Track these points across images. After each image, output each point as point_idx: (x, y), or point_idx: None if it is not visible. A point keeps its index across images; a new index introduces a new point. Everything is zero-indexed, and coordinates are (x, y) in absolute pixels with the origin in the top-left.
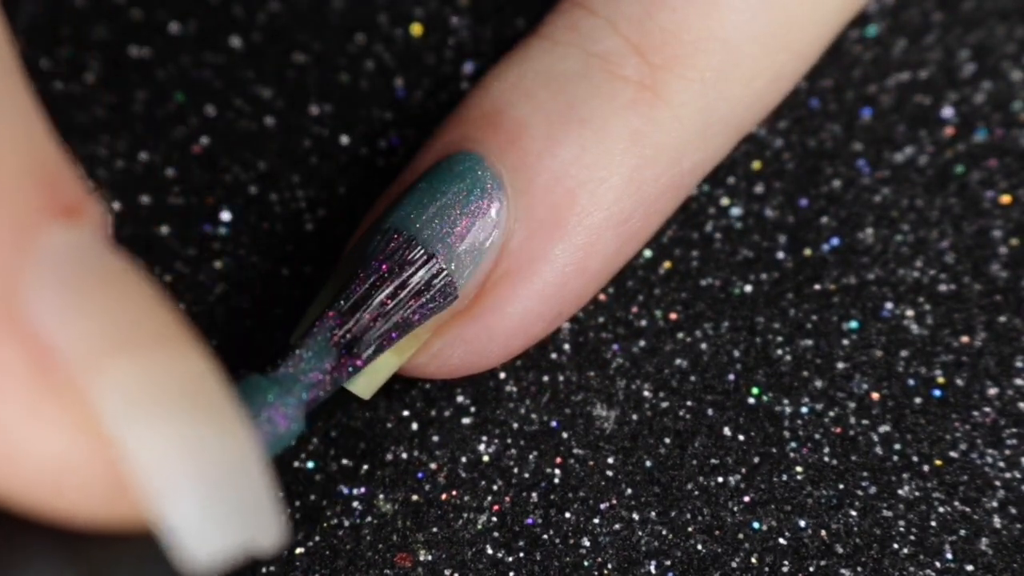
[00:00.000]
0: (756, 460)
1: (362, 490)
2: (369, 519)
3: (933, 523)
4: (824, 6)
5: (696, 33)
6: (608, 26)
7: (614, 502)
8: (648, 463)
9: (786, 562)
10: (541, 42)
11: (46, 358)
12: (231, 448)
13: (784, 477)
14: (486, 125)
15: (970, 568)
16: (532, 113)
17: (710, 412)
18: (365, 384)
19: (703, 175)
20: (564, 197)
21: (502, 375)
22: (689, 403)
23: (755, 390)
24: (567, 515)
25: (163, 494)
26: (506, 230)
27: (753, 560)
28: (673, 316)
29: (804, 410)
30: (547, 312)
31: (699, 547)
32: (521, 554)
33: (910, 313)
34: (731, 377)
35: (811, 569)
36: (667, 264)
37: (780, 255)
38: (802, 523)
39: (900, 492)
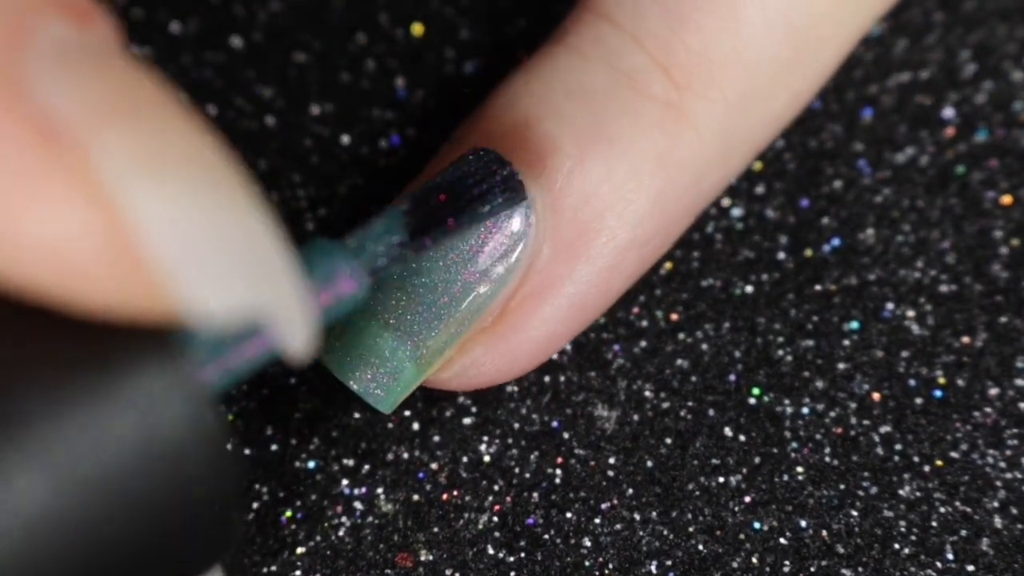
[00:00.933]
0: (757, 460)
1: (363, 490)
2: (370, 519)
3: (934, 523)
4: (843, 25)
5: (721, 54)
6: (634, 42)
7: (615, 502)
8: (649, 463)
9: (787, 562)
10: (568, 54)
11: (49, 127)
12: (238, 211)
13: (785, 477)
14: (514, 140)
15: (971, 568)
16: (561, 130)
17: (711, 412)
18: (388, 398)
19: (720, 192)
20: (591, 218)
21: None
22: (690, 403)
23: (756, 390)
24: (568, 515)
25: (170, 252)
26: (533, 250)
27: (754, 560)
28: (674, 317)
29: (805, 410)
30: (568, 330)
31: (700, 547)
32: (522, 554)
33: (911, 313)
34: (732, 377)
35: (812, 569)
36: (668, 265)
37: (781, 256)
38: (803, 523)
39: (901, 492)
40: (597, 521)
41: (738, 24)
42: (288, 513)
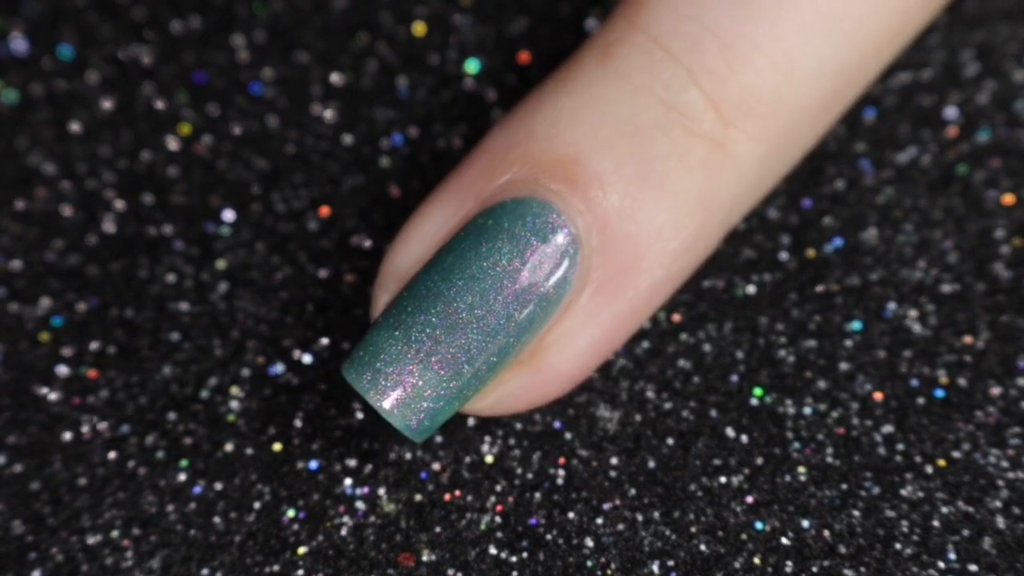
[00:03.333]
0: (759, 461)
1: (366, 490)
2: (372, 519)
3: (936, 523)
4: (877, 62)
5: (771, 94)
6: (689, 77)
7: (617, 502)
8: (651, 464)
9: (789, 562)
10: (618, 83)
11: None
12: None
13: (787, 478)
14: (563, 175)
15: (973, 568)
16: (612, 170)
17: (713, 413)
18: (421, 432)
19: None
20: (633, 258)
21: None
22: (692, 404)
23: (758, 391)
24: (570, 515)
25: None
26: (576, 288)
27: (756, 560)
28: (676, 317)
29: (807, 411)
30: (598, 361)
31: (702, 547)
32: (524, 554)
33: (913, 313)
34: (734, 378)
35: (814, 569)
36: None
37: (783, 256)
38: (805, 523)
39: (903, 492)
40: (599, 521)
41: (790, 67)
42: (290, 513)
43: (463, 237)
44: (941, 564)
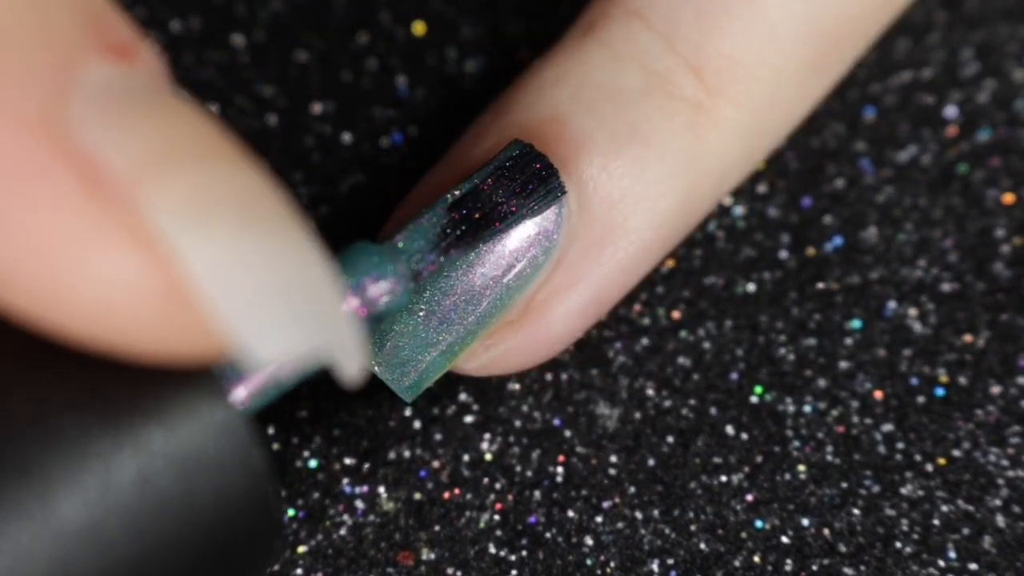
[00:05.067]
0: (759, 459)
1: (364, 488)
2: (371, 517)
3: (936, 522)
4: (864, 26)
5: (750, 59)
6: (667, 44)
7: (617, 501)
8: (651, 462)
9: (789, 561)
10: (599, 50)
11: (96, 175)
12: (292, 254)
13: (787, 476)
14: (548, 134)
15: (973, 567)
16: (596, 128)
17: (713, 411)
18: (412, 388)
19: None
20: (620, 217)
21: None
22: (692, 402)
23: (758, 389)
24: (570, 514)
25: (222, 300)
26: (563, 247)
27: (756, 559)
28: (676, 315)
29: (807, 409)
30: (586, 323)
31: (702, 546)
32: (524, 552)
33: (913, 312)
34: (734, 376)
35: (814, 568)
36: (670, 263)
37: (783, 254)
38: (805, 522)
39: (903, 491)
40: (599, 520)
41: (767, 29)
42: (289, 512)
43: None
44: (941, 562)
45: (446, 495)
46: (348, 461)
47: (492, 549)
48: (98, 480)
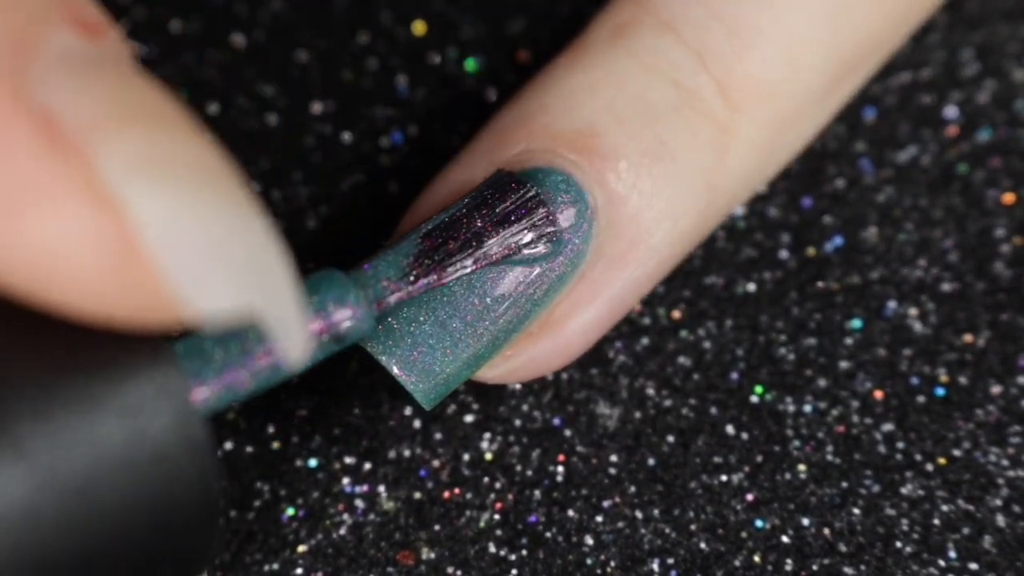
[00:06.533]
0: (759, 459)
1: (365, 488)
2: (372, 516)
3: (936, 521)
4: (879, 51)
5: (776, 82)
6: (699, 61)
7: (617, 500)
8: (651, 461)
9: (789, 560)
10: (630, 62)
11: (54, 130)
12: (237, 216)
13: (787, 476)
14: (581, 147)
15: (974, 566)
16: (627, 143)
17: (713, 410)
18: (433, 395)
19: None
20: (642, 232)
21: None
22: (692, 401)
23: (758, 388)
24: (570, 513)
25: (170, 252)
26: (590, 261)
27: (756, 558)
28: (676, 314)
29: (807, 409)
30: (601, 332)
31: (702, 545)
32: (524, 552)
33: (913, 312)
34: (734, 375)
35: (814, 567)
36: None
37: (784, 254)
38: (805, 521)
39: (903, 490)
40: (599, 519)
41: (793, 53)
42: (290, 511)
43: None
44: (941, 562)
45: (446, 494)
46: (348, 460)
47: (492, 548)
48: (39, 454)
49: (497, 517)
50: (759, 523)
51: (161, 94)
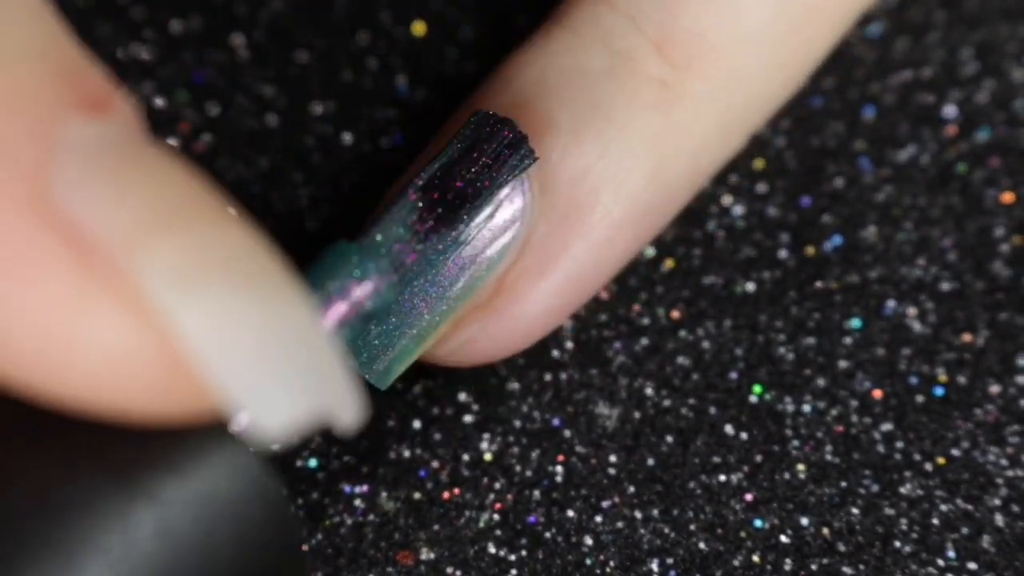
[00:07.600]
0: (758, 458)
1: (364, 488)
2: (371, 517)
3: (935, 521)
4: (838, 3)
5: (717, 34)
6: (631, 24)
7: (616, 500)
8: (650, 461)
9: (788, 560)
10: (564, 34)
11: (84, 244)
12: (289, 316)
13: (786, 475)
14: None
15: (973, 566)
16: (558, 108)
17: (712, 410)
18: (384, 375)
19: (716, 171)
20: (586, 194)
21: (504, 373)
22: (691, 401)
23: (757, 388)
24: (569, 513)
25: (221, 367)
26: (529, 226)
27: (755, 558)
28: (675, 314)
29: (806, 408)
30: (564, 306)
31: (701, 545)
32: (523, 552)
33: (912, 311)
34: (733, 375)
35: (813, 567)
36: (669, 262)
37: (782, 253)
38: (804, 521)
39: (902, 490)
40: (598, 519)
41: (736, 5)
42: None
43: None
44: (940, 562)
45: (446, 495)
46: (347, 460)
47: (492, 549)
48: (118, 539)
49: (496, 517)
50: (758, 523)
51: (186, 179)
